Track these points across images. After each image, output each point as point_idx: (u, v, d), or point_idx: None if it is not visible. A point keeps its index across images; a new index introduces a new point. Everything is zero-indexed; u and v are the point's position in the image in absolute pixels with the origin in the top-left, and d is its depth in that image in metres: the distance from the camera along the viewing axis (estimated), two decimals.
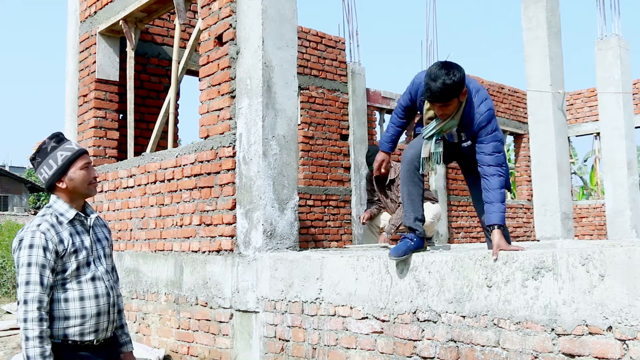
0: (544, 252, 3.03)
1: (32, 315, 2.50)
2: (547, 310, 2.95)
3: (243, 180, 4.93)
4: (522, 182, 14.22)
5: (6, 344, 7.62)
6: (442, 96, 3.36)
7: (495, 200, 3.41)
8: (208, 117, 5.39)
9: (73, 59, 7.72)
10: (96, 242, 2.79)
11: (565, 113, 8.08)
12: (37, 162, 2.75)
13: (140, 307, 6.17)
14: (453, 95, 3.39)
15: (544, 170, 7.86)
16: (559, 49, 7.97)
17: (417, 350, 3.51)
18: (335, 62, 10.08)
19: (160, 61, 7.81)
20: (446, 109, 3.47)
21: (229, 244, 5.05)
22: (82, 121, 7.40)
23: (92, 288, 2.68)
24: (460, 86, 3.37)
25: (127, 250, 6.49)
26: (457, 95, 3.41)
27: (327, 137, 9.78)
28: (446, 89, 3.33)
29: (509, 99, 13.79)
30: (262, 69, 4.83)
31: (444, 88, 3.32)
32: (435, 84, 3.33)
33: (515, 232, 13.37)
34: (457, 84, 3.33)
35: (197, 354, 5.32)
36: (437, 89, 3.33)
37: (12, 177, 40.55)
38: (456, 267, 3.37)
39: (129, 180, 6.50)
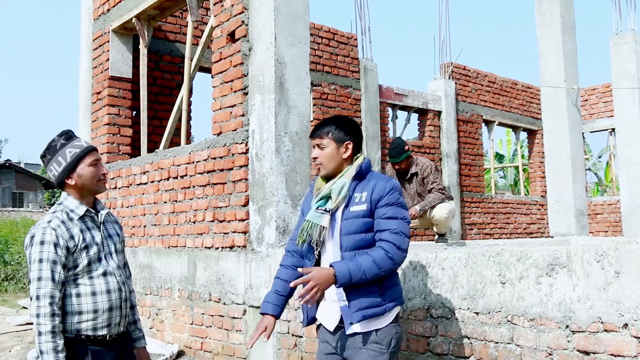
0: (558, 249, 3.01)
1: (44, 311, 2.52)
2: (561, 307, 2.94)
3: (256, 176, 4.94)
4: (536, 179, 14.14)
5: (23, 339, 7.69)
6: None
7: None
8: (221, 114, 5.40)
9: (86, 57, 7.76)
10: (107, 238, 2.81)
11: (580, 109, 8.02)
12: (47, 160, 2.77)
13: (154, 302, 6.21)
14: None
15: (558, 167, 7.81)
16: (573, 44, 7.91)
17: (431, 347, 3.51)
18: (347, 58, 10.07)
19: (172, 58, 7.84)
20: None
21: (242, 240, 5.06)
22: (96, 118, 7.44)
23: (103, 283, 2.70)
24: None
25: (141, 247, 6.52)
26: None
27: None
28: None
29: (523, 95, 13.71)
30: (274, 66, 4.83)
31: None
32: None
33: (528, 229, 13.31)
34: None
35: (211, 350, 5.35)
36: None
37: (27, 174, 40.90)
38: (469, 263, 3.36)
39: (142, 177, 6.53)
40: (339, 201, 2.76)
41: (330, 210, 2.77)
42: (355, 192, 2.77)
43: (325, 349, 2.83)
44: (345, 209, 2.75)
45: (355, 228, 2.71)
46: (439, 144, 11.64)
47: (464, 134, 12.05)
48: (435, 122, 11.64)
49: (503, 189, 29.38)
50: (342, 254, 2.71)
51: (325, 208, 2.78)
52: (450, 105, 11.75)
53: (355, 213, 2.73)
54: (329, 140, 2.82)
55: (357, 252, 2.69)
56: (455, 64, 12.06)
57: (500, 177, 28.56)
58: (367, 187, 2.76)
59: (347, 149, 2.83)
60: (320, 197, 2.82)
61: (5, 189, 39.26)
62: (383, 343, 2.67)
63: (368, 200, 2.72)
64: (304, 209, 2.96)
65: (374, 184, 2.76)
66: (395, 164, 6.05)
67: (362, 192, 2.76)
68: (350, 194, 2.76)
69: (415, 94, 11.31)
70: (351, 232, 2.71)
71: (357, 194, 2.76)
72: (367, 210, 2.72)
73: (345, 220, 2.74)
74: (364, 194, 2.75)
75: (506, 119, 13.20)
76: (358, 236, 2.71)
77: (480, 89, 12.58)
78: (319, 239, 2.78)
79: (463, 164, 11.97)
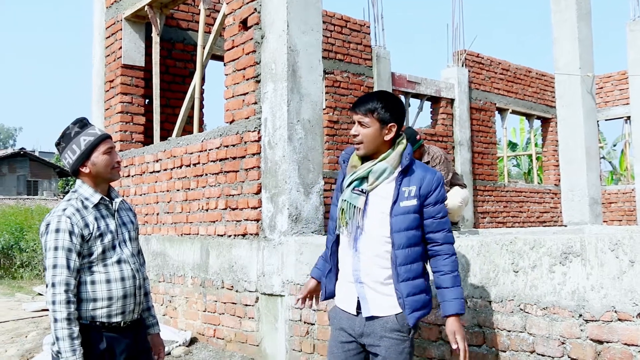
0: (572, 238, 2.99)
1: (59, 298, 2.54)
2: (574, 296, 2.92)
3: (268, 164, 4.94)
4: (549, 167, 14.05)
5: (38, 325, 7.78)
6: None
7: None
8: (233, 102, 5.40)
9: (99, 45, 7.78)
10: (121, 225, 2.82)
11: (595, 96, 7.94)
12: (62, 147, 2.78)
13: (167, 290, 6.25)
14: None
15: (572, 155, 7.75)
16: (588, 30, 7.82)
17: (443, 335, 3.51)
18: (360, 46, 10.03)
19: (185, 46, 7.84)
20: None
21: (254, 228, 5.08)
22: (109, 106, 7.47)
23: (118, 271, 2.72)
24: None
25: (154, 234, 6.56)
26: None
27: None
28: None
29: (537, 82, 13.59)
30: (287, 53, 4.82)
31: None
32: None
33: (542, 218, 13.25)
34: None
35: (223, 337, 5.38)
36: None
37: (41, 162, 41.21)
38: (482, 252, 3.35)
39: (155, 165, 6.56)
40: (375, 185, 2.67)
41: (366, 192, 2.69)
42: (402, 185, 2.66)
43: (340, 337, 2.76)
44: (394, 204, 2.64)
45: (407, 224, 2.62)
46: (452, 132, 11.58)
47: (477, 122, 11.98)
48: (448, 110, 11.58)
49: (516, 177, 29.25)
50: (395, 252, 2.62)
51: (362, 189, 2.69)
52: (463, 93, 11.67)
53: (406, 209, 2.63)
54: (373, 119, 2.68)
55: (410, 249, 2.62)
56: (469, 52, 11.97)
57: (514, 165, 28.41)
58: (415, 180, 2.66)
59: (391, 132, 2.70)
60: (357, 177, 2.72)
61: (20, 177, 39.61)
62: (404, 330, 2.64)
63: (417, 195, 2.64)
64: (338, 185, 2.86)
65: (422, 177, 2.67)
66: None
67: (409, 185, 2.65)
68: (398, 188, 2.66)
69: (428, 82, 11.25)
70: (404, 229, 2.62)
71: (405, 187, 2.65)
72: (417, 205, 2.64)
73: (395, 217, 2.63)
74: (412, 188, 2.65)
75: (520, 107, 13.11)
76: (410, 233, 2.63)
77: (493, 77, 12.49)
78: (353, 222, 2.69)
79: (476, 152, 11.91)
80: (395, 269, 2.63)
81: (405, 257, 2.62)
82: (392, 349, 2.62)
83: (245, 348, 5.11)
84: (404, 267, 2.61)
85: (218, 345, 5.44)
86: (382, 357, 2.64)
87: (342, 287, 2.78)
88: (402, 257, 2.62)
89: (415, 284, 2.63)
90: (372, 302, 2.65)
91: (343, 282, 2.76)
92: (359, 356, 2.74)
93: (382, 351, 2.63)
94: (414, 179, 2.67)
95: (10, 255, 14.88)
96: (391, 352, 2.62)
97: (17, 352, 6.18)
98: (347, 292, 2.74)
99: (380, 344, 2.64)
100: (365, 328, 2.68)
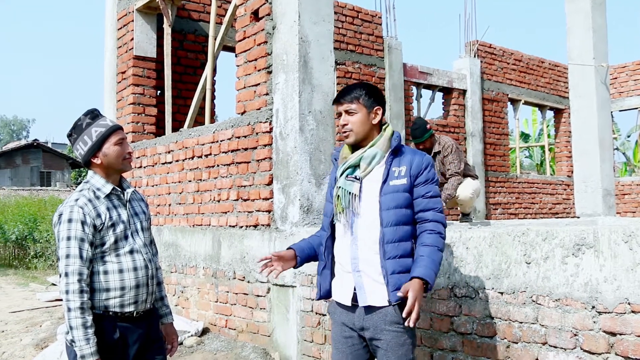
0: (585, 229, 2.97)
1: (73, 288, 2.56)
2: (587, 288, 2.91)
3: (280, 155, 4.95)
4: (562, 158, 13.96)
5: (52, 314, 7.86)
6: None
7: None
8: (245, 93, 5.40)
9: (111, 36, 7.80)
10: (133, 215, 2.84)
11: (609, 87, 7.86)
12: (74, 139, 2.80)
13: (180, 280, 6.29)
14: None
15: (585, 146, 7.69)
16: (603, 20, 7.73)
17: (454, 326, 3.51)
18: (371, 36, 9.98)
19: (196, 37, 7.84)
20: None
21: (266, 219, 5.09)
22: (121, 98, 7.50)
23: (130, 261, 2.74)
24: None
25: (166, 225, 6.59)
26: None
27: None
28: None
29: (550, 73, 13.49)
30: (298, 44, 4.80)
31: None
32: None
33: (554, 209, 13.18)
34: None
35: (235, 327, 5.41)
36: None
37: (54, 153, 41.48)
38: (494, 243, 3.34)
39: (167, 156, 6.58)
40: (367, 171, 2.71)
41: (360, 179, 2.72)
42: (392, 166, 2.72)
43: (343, 332, 2.77)
44: (383, 184, 2.69)
45: (396, 202, 2.66)
46: (464, 123, 11.52)
47: (489, 113, 11.91)
48: (460, 101, 11.52)
49: (528, 168, 29.10)
50: (383, 229, 2.65)
51: (355, 176, 2.73)
52: (476, 84, 11.61)
53: (395, 187, 2.68)
54: (359, 105, 2.76)
55: (397, 227, 2.65)
56: (481, 42, 11.89)
57: (526, 156, 28.26)
58: (405, 161, 2.72)
59: (377, 115, 2.78)
60: (349, 166, 2.76)
61: (33, 168, 39.89)
62: (401, 321, 2.61)
63: (408, 175, 2.69)
64: (331, 182, 2.91)
65: (412, 159, 2.73)
66: (419, 144, 6.00)
67: (399, 166, 2.71)
68: (388, 168, 2.71)
69: (440, 73, 11.19)
70: (392, 207, 2.66)
71: (395, 167, 2.71)
72: (408, 185, 2.68)
73: (384, 195, 2.68)
74: (402, 168, 2.70)
75: (532, 98, 13.02)
76: (399, 211, 2.66)
77: (506, 67, 12.40)
78: (349, 208, 2.72)
79: (488, 143, 11.85)
80: (382, 246, 2.65)
81: (392, 235, 2.64)
82: (394, 342, 2.63)
83: (256, 338, 5.14)
84: (391, 244, 2.64)
85: (230, 336, 5.47)
86: (384, 350, 2.64)
87: (338, 280, 2.79)
88: (390, 235, 2.64)
89: (402, 262, 2.64)
90: (369, 291, 2.65)
91: (340, 274, 2.77)
92: (364, 350, 2.76)
93: (384, 344, 2.64)
94: (404, 160, 2.73)
95: (24, 246, 15.02)
96: (393, 344, 2.63)
97: (32, 341, 6.25)
98: (343, 283, 2.75)
99: (381, 337, 2.65)
100: (365, 322, 2.69)
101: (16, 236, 14.92)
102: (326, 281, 2.83)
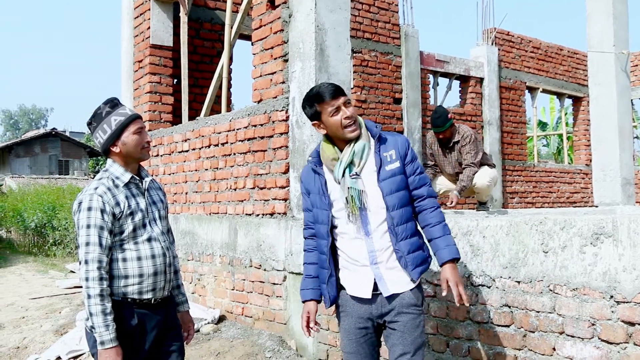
0: (603, 218, 2.94)
1: (92, 275, 2.59)
2: (606, 277, 2.89)
3: (296, 143, 4.95)
4: (580, 147, 13.82)
5: (71, 301, 7.96)
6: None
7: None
8: (261, 81, 5.40)
9: (128, 25, 7.82)
10: (151, 204, 2.86)
11: (629, 74, 7.75)
12: (93, 127, 2.82)
13: (196, 268, 6.33)
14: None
15: (604, 134, 7.60)
16: (624, 6, 7.61)
17: (471, 315, 3.50)
18: (388, 24, 9.92)
19: (213, 26, 7.84)
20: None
21: (282, 207, 5.10)
22: (138, 86, 7.53)
23: (148, 248, 2.76)
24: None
25: (183, 213, 6.63)
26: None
27: (380, 100, 9.69)
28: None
29: (568, 60, 13.33)
30: (314, 32, 4.79)
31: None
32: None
33: (572, 198, 13.07)
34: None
35: (252, 315, 5.44)
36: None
37: (72, 142, 41.79)
38: (511, 232, 3.32)
39: (183, 145, 6.61)
40: (362, 164, 2.76)
41: (359, 174, 2.75)
42: (381, 152, 2.77)
43: (357, 324, 2.81)
44: (379, 170, 2.74)
45: (396, 186, 2.74)
46: (481, 112, 11.44)
47: (506, 101, 11.81)
48: (477, 89, 11.43)
49: (546, 157, 28.86)
50: (390, 214, 2.71)
51: (355, 172, 2.75)
52: (493, 72, 11.50)
53: (392, 171, 2.75)
54: (349, 99, 2.84)
55: (402, 209, 2.73)
56: (499, 30, 11.77)
57: (543, 145, 28.03)
58: (390, 145, 2.80)
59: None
60: (345, 165, 2.75)
61: (51, 156, 40.25)
62: (419, 304, 2.76)
63: (399, 157, 2.77)
64: (308, 189, 2.89)
65: (395, 141, 2.81)
66: (439, 132, 5.95)
67: (387, 150, 2.78)
68: (379, 155, 2.76)
69: (457, 61, 11.11)
70: (394, 191, 2.73)
71: (385, 153, 2.78)
72: (401, 167, 2.77)
73: (383, 181, 2.73)
74: (392, 152, 2.78)
75: (550, 86, 12.88)
76: (400, 193, 2.74)
77: (524, 55, 12.28)
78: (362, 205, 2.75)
79: (505, 131, 11.76)
80: (393, 229, 2.71)
81: (400, 217, 2.73)
82: (410, 324, 2.73)
83: (272, 326, 5.16)
84: (401, 226, 2.72)
85: (246, 323, 5.50)
86: (401, 332, 2.72)
87: (352, 275, 2.80)
88: (398, 217, 2.72)
89: (412, 241, 2.75)
90: (390, 281, 2.73)
91: (353, 269, 2.78)
92: (376, 337, 2.85)
93: (401, 326, 2.73)
94: (389, 144, 2.81)
95: (44, 234, 15.21)
96: (409, 326, 2.72)
97: (52, 327, 6.33)
98: (360, 277, 2.77)
99: (398, 319, 2.73)
100: (385, 308, 2.76)
101: (35, 224, 15.11)
102: (333, 288, 2.86)
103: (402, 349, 2.71)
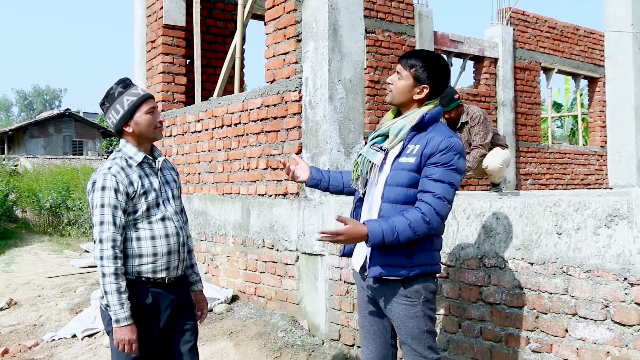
0: (618, 200, 2.92)
1: (107, 254, 2.62)
2: (620, 259, 2.87)
3: (309, 124, 4.94)
4: (595, 128, 13.69)
5: (86, 280, 8.05)
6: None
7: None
8: (274, 61, 5.38)
9: (140, 5, 7.81)
10: (164, 184, 2.88)
11: None
12: (106, 107, 2.83)
13: (209, 248, 6.37)
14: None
15: (620, 115, 7.52)
16: None
17: (483, 296, 3.50)
18: (402, 4, 9.82)
19: (225, 6, 7.81)
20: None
21: (295, 188, 5.10)
22: (151, 67, 7.53)
23: (162, 228, 2.78)
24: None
25: (196, 194, 6.66)
26: None
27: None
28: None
29: (585, 40, 13.15)
30: (328, 12, 4.75)
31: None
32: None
33: (586, 180, 12.97)
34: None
35: (264, 295, 5.48)
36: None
37: (86, 122, 42.00)
38: (525, 213, 3.31)
39: (196, 125, 6.62)
40: (394, 143, 2.68)
41: (385, 150, 2.70)
42: (410, 142, 2.65)
43: (363, 297, 2.87)
44: (396, 158, 2.66)
45: (400, 180, 2.61)
46: (495, 93, 11.34)
47: (521, 82, 11.70)
48: (491, 70, 11.33)
49: (560, 139, 28.63)
50: (382, 204, 2.65)
51: (381, 146, 2.71)
52: (508, 52, 11.38)
53: (403, 165, 2.62)
54: (409, 74, 2.68)
55: (395, 205, 2.61)
56: (514, 9, 11.63)
57: (558, 126, 27.78)
58: (422, 140, 2.62)
59: (422, 92, 2.68)
60: (378, 134, 2.75)
61: (65, 137, 40.49)
62: (411, 295, 2.66)
63: (419, 154, 2.60)
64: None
65: (430, 138, 2.61)
66: (445, 113, 5.90)
67: (416, 144, 2.63)
68: (405, 144, 2.66)
69: (471, 41, 11.00)
70: (394, 184, 2.63)
71: (411, 145, 2.64)
72: (416, 164, 2.59)
73: (393, 171, 2.65)
74: (416, 147, 2.61)
75: (566, 66, 12.73)
76: (401, 190, 2.61)
77: (539, 35, 12.13)
78: (367, 177, 2.74)
79: (519, 112, 11.66)
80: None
81: (388, 212, 2.62)
82: (404, 314, 2.67)
83: (285, 306, 5.20)
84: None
85: (259, 303, 5.54)
86: (396, 322, 2.72)
87: (357, 247, 2.83)
88: (386, 211, 2.63)
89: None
90: (377, 261, 2.64)
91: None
92: (382, 315, 2.82)
93: (395, 317, 2.71)
94: (423, 138, 2.63)
95: (58, 214, 15.36)
96: (403, 317, 2.68)
97: (67, 306, 6.41)
98: (359, 251, 2.80)
99: (391, 309, 2.70)
100: (376, 292, 2.74)
101: (50, 204, 15.25)
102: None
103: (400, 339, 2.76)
